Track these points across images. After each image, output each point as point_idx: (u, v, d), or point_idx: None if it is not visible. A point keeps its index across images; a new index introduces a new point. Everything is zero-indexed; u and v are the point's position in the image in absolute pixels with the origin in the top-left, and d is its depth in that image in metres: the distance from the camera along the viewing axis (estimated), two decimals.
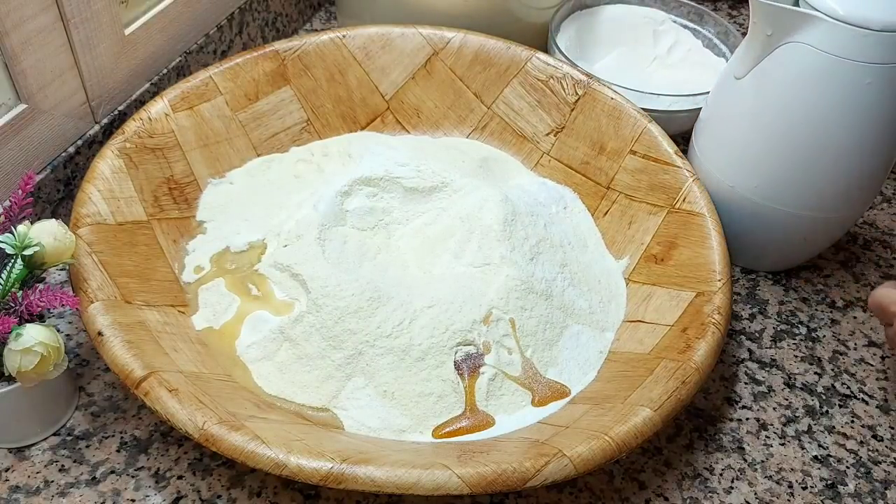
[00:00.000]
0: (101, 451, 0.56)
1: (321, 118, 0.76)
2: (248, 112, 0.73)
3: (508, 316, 0.60)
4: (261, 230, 0.66)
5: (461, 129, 0.78)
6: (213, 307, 0.61)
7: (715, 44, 0.88)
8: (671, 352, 0.57)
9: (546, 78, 0.75)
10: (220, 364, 0.58)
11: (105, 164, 0.62)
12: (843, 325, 0.70)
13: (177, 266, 0.63)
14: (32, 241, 0.50)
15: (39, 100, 0.62)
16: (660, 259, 0.65)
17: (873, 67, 0.57)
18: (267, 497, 0.54)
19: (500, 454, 0.51)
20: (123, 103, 0.71)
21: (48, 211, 0.66)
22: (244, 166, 0.72)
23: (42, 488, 0.54)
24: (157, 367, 0.51)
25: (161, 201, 0.65)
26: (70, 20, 0.62)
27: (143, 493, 0.54)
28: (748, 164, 0.66)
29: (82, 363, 0.61)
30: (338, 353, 0.57)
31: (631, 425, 0.51)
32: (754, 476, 0.59)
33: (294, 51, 0.75)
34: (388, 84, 0.78)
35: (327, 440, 0.51)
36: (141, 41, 0.71)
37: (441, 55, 0.77)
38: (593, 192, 0.72)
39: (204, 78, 0.71)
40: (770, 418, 0.63)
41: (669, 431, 0.61)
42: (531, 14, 0.85)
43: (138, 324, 0.55)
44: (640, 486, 0.57)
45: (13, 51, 0.58)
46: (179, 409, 0.49)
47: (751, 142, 0.65)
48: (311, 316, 0.58)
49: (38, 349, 0.49)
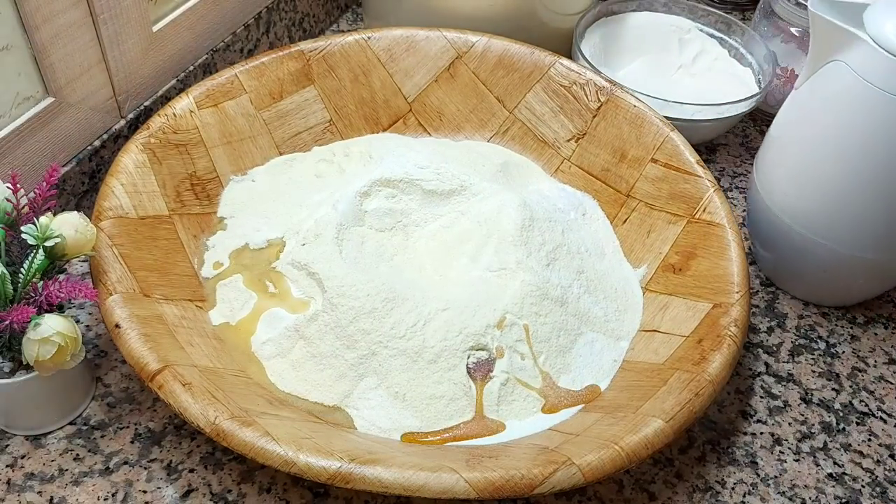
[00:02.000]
0: (115, 442, 0.57)
1: (344, 119, 0.77)
2: (272, 111, 0.73)
3: (523, 321, 0.60)
4: (280, 228, 0.67)
5: (483, 132, 0.78)
6: (230, 303, 0.62)
7: (742, 53, 0.87)
8: (686, 363, 0.57)
9: (569, 84, 0.75)
10: (235, 360, 0.58)
11: (129, 158, 0.63)
12: (864, 342, 0.69)
13: (196, 261, 0.64)
14: (54, 232, 0.51)
15: (67, 93, 0.63)
16: (678, 269, 0.65)
17: None
18: (276, 493, 0.55)
19: (509, 460, 0.50)
20: (149, 99, 0.72)
21: (72, 203, 0.67)
22: (266, 164, 0.72)
23: (56, 476, 0.54)
24: (172, 361, 0.52)
25: (183, 196, 0.66)
26: (99, 16, 0.63)
27: (154, 485, 0.55)
28: (799, 185, 0.63)
29: (100, 354, 0.62)
30: (351, 353, 0.57)
31: (642, 436, 0.51)
32: (767, 491, 0.58)
33: (319, 51, 0.75)
34: (411, 86, 0.78)
35: (337, 439, 0.51)
36: (168, 38, 0.72)
37: (465, 59, 0.77)
38: (613, 200, 0.72)
39: (229, 76, 0.71)
40: (785, 433, 0.62)
41: (682, 443, 0.60)
42: (556, 20, 0.85)
43: (155, 317, 0.56)
44: (650, 497, 0.57)
45: (42, 45, 0.59)
46: (192, 403, 0.49)
47: (804, 164, 0.63)
48: (325, 315, 0.59)
49: (56, 339, 0.49)
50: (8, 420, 0.56)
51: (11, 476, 0.54)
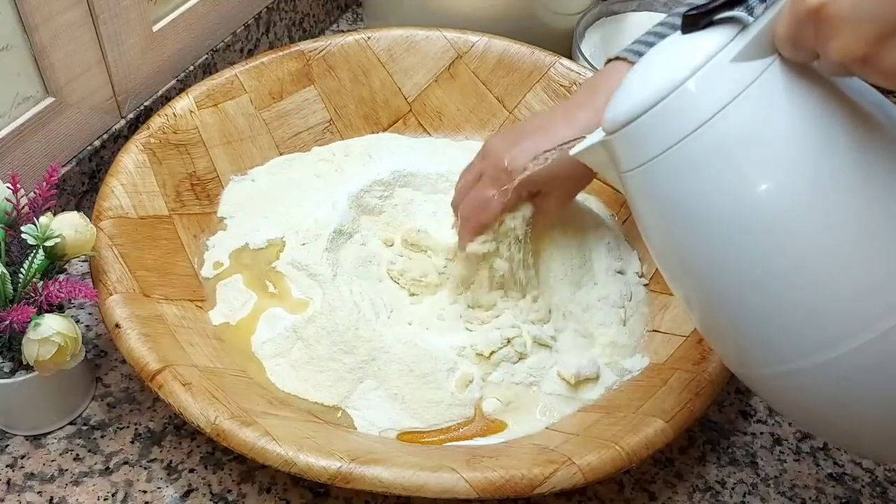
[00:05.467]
0: (115, 442, 0.57)
1: (344, 119, 0.77)
2: (272, 111, 0.73)
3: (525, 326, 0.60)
4: (280, 228, 0.67)
5: (483, 132, 0.78)
6: (230, 303, 0.62)
7: None
8: (686, 363, 0.57)
9: (569, 84, 0.75)
10: (235, 360, 0.58)
11: (129, 158, 0.63)
12: None
13: (196, 261, 0.64)
14: (54, 232, 0.51)
15: (67, 93, 0.63)
16: None
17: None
18: (277, 493, 0.55)
19: (510, 459, 0.50)
20: (149, 99, 0.72)
21: (72, 203, 0.67)
22: (266, 164, 0.72)
23: (56, 476, 0.54)
24: (172, 361, 0.52)
25: (183, 196, 0.66)
26: (99, 15, 0.63)
27: (154, 485, 0.55)
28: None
29: (100, 354, 0.62)
30: (349, 357, 0.57)
31: (642, 436, 0.51)
32: (767, 491, 0.58)
33: (319, 51, 0.75)
34: (411, 86, 0.78)
35: (337, 439, 0.51)
36: (168, 38, 0.72)
37: (465, 59, 0.77)
38: (614, 199, 0.72)
39: (229, 76, 0.71)
40: (785, 433, 0.62)
41: (682, 443, 0.60)
42: (556, 20, 0.85)
43: (155, 317, 0.56)
44: (650, 497, 0.57)
45: (42, 44, 0.59)
46: (192, 402, 0.49)
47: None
48: (323, 318, 0.58)
49: (55, 339, 0.49)
50: (8, 420, 0.56)
51: (11, 476, 0.54)
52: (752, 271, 0.38)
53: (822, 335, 0.37)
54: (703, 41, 0.39)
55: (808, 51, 0.35)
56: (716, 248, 0.39)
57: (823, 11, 0.32)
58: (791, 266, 0.37)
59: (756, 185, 0.37)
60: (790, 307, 0.38)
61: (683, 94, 0.38)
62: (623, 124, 0.41)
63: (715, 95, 0.38)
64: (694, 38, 0.39)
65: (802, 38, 0.34)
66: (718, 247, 0.39)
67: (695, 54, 0.38)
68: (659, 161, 0.39)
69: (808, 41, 0.34)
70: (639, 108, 0.40)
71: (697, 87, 0.38)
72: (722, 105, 0.37)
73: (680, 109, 0.38)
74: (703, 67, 0.38)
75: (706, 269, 0.40)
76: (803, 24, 0.34)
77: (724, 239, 0.38)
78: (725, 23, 0.39)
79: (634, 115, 0.40)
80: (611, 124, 0.42)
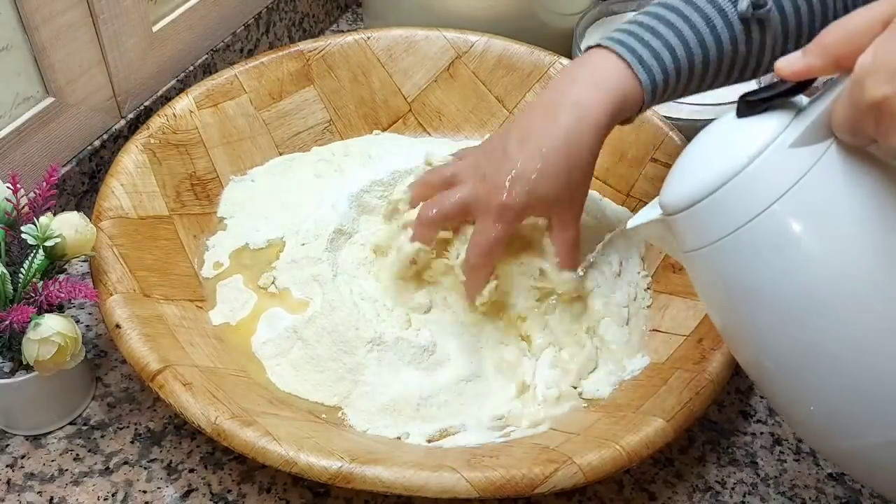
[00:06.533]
0: (115, 442, 0.57)
1: (343, 119, 0.77)
2: (272, 111, 0.73)
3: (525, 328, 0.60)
4: (280, 228, 0.67)
5: (482, 132, 0.78)
6: (230, 303, 0.62)
7: None
8: (686, 362, 0.57)
9: None
10: (236, 359, 0.58)
11: (129, 158, 0.63)
12: None
13: (196, 261, 0.64)
14: (54, 232, 0.51)
15: (67, 93, 0.63)
16: (678, 268, 0.65)
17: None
18: (277, 493, 0.55)
19: (510, 459, 0.50)
20: (149, 99, 0.72)
21: (72, 203, 0.67)
22: (266, 164, 0.72)
23: (56, 476, 0.54)
24: (172, 361, 0.52)
25: (183, 197, 0.66)
26: (99, 16, 0.63)
27: (154, 485, 0.55)
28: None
29: (100, 354, 0.62)
30: (349, 357, 0.57)
31: (643, 435, 0.51)
32: (767, 492, 0.58)
33: (318, 51, 0.75)
34: (411, 86, 0.78)
35: (338, 439, 0.51)
36: (168, 38, 0.72)
37: (464, 59, 0.77)
38: (613, 199, 0.72)
39: (229, 76, 0.71)
40: (785, 433, 0.62)
41: (682, 443, 0.60)
42: (556, 20, 0.85)
43: (156, 317, 0.56)
44: (650, 497, 0.57)
45: (42, 45, 0.59)
46: (193, 402, 0.49)
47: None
48: (322, 318, 0.58)
49: (55, 339, 0.49)
50: (8, 420, 0.56)
51: (11, 476, 0.54)
52: (828, 347, 0.39)
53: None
54: (761, 125, 0.40)
55: (868, 138, 0.36)
56: (787, 326, 0.40)
57: (885, 105, 0.33)
58: (863, 340, 0.38)
59: (824, 265, 0.38)
60: (870, 382, 0.39)
61: (746, 179, 0.39)
62: (684, 207, 0.42)
63: (777, 180, 0.39)
64: (752, 121, 0.41)
65: (862, 127, 0.35)
66: (790, 325, 0.40)
67: (755, 139, 0.40)
68: (724, 243, 0.40)
69: (868, 130, 0.35)
70: (702, 192, 0.41)
71: (760, 171, 0.39)
72: (784, 190, 0.38)
73: (743, 194, 0.39)
74: (763, 153, 0.39)
75: (778, 349, 0.41)
76: (864, 114, 0.34)
77: (795, 317, 0.39)
78: (781, 106, 0.40)
79: (697, 197, 0.41)
80: (671, 205, 0.43)
